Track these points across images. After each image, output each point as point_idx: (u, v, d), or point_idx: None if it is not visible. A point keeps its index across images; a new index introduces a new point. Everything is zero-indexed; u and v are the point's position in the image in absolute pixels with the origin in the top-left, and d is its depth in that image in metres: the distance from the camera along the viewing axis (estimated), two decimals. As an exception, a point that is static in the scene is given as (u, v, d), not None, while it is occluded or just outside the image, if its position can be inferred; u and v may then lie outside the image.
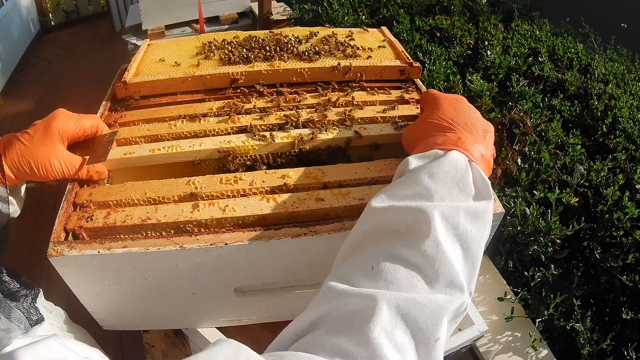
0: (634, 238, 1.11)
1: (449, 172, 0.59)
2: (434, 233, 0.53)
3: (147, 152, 0.86)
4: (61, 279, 0.73)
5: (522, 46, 1.86)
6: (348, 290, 0.50)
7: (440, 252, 0.52)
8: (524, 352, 1.03)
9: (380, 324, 0.45)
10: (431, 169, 0.59)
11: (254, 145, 0.86)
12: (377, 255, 0.53)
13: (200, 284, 0.78)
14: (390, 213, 0.57)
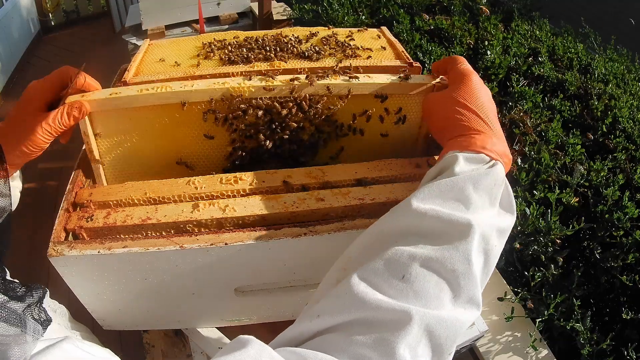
0: (634, 238, 1.11)
1: (488, 186, 0.58)
2: (469, 249, 0.52)
3: (135, 92, 0.79)
4: (61, 279, 0.73)
5: (522, 46, 1.86)
6: (381, 304, 0.49)
7: (469, 268, 0.52)
8: (524, 352, 1.03)
9: (407, 340, 0.46)
10: (477, 179, 0.57)
11: (250, 87, 0.79)
12: (409, 261, 0.52)
13: (200, 284, 0.78)
14: (430, 219, 0.55)
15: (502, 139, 0.63)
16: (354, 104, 0.83)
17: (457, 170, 0.58)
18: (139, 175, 0.86)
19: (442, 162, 0.61)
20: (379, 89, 0.82)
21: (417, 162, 0.83)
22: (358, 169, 0.81)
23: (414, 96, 0.83)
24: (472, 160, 0.59)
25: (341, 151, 0.88)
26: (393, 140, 0.88)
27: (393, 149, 0.88)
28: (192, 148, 0.85)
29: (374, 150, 0.88)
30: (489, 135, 0.62)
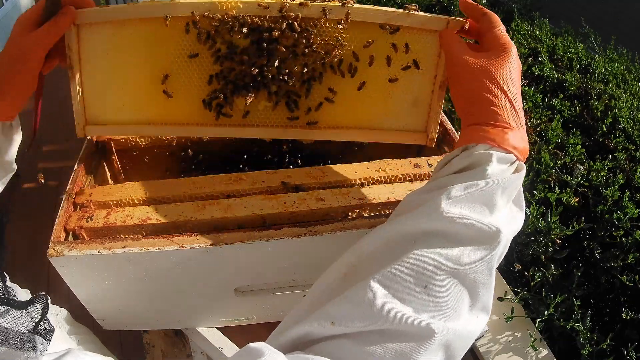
0: (634, 238, 1.11)
1: (513, 190, 0.56)
2: (493, 259, 0.51)
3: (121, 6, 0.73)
4: (61, 279, 0.73)
5: (522, 46, 1.86)
6: (402, 317, 0.46)
7: (490, 278, 0.51)
8: (524, 352, 1.03)
9: (425, 354, 0.46)
10: (507, 185, 0.54)
11: (239, 3, 0.69)
12: (434, 270, 0.49)
13: (200, 284, 0.78)
14: (459, 225, 0.51)
15: (525, 132, 0.59)
16: (355, 40, 0.71)
17: (489, 172, 0.54)
18: (116, 98, 0.77)
19: (473, 157, 0.55)
20: (384, 17, 0.69)
21: (417, 162, 0.83)
22: (358, 169, 0.81)
23: (428, 36, 0.70)
24: (502, 161, 0.55)
25: (334, 94, 0.74)
26: (400, 98, 0.75)
27: (398, 111, 0.76)
28: (173, 70, 0.75)
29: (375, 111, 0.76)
30: (520, 131, 0.58)
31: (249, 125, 0.76)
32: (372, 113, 0.76)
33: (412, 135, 0.77)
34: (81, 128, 0.78)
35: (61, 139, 3.16)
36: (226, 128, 0.76)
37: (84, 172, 0.84)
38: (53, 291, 0.89)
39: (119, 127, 0.77)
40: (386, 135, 0.77)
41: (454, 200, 0.52)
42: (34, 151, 3.06)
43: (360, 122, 0.77)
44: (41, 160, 3.02)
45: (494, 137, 0.56)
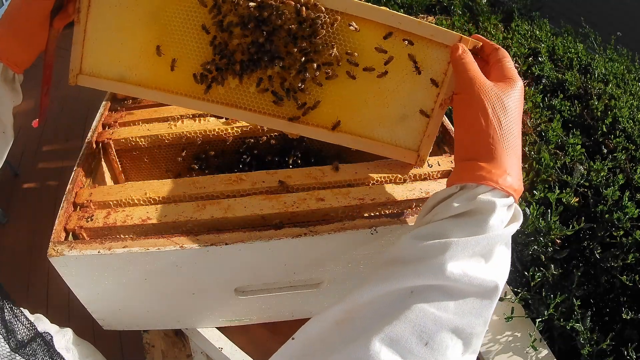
0: (634, 238, 1.11)
1: (509, 243, 0.56)
2: (490, 312, 0.51)
3: None
4: (61, 279, 0.73)
5: (522, 46, 1.86)
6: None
7: (485, 329, 0.52)
8: (524, 352, 1.03)
9: None
10: (506, 238, 0.54)
11: None
12: (435, 328, 0.48)
13: (200, 284, 0.78)
14: (460, 283, 0.50)
15: (521, 169, 0.58)
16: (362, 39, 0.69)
17: (491, 224, 0.52)
18: (114, 52, 0.75)
19: (475, 204, 0.53)
20: (393, 20, 0.66)
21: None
22: (358, 169, 0.81)
23: (437, 50, 0.67)
24: (503, 206, 0.54)
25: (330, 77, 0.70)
26: (397, 109, 0.72)
27: (393, 123, 0.72)
28: (174, 36, 0.72)
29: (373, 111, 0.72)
30: (519, 170, 0.56)
31: (235, 107, 0.73)
32: (365, 119, 0.73)
33: (403, 151, 0.74)
34: (74, 76, 0.76)
35: (61, 139, 3.16)
36: (212, 104, 0.73)
37: (84, 172, 0.84)
38: (53, 291, 0.89)
39: (110, 82, 0.76)
40: (375, 146, 0.74)
41: (457, 257, 0.50)
42: (34, 151, 3.06)
43: (351, 127, 0.74)
44: (41, 160, 3.02)
45: (497, 179, 0.54)
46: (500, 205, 0.53)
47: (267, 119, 0.74)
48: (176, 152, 0.98)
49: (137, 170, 1.01)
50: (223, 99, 0.73)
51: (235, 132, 0.94)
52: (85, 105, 3.16)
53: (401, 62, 0.69)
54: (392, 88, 0.70)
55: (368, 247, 0.74)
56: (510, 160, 0.55)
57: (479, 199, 0.53)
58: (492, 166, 0.55)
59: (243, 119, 0.75)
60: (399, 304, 0.49)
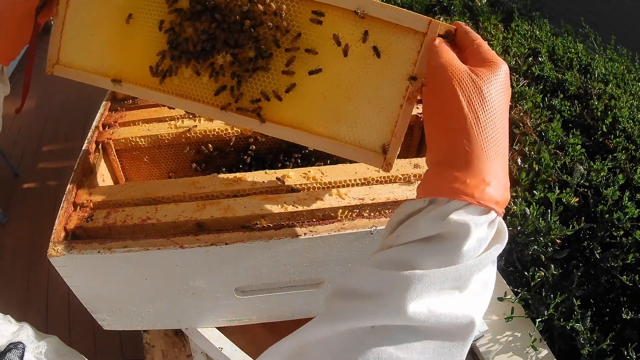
0: (634, 238, 1.11)
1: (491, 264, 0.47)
2: (465, 352, 0.44)
3: None
4: (61, 279, 0.73)
5: (522, 46, 1.86)
6: None
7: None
8: (524, 352, 1.03)
9: None
10: (484, 265, 0.45)
11: None
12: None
13: (200, 284, 0.78)
14: (431, 324, 0.42)
15: (507, 174, 0.48)
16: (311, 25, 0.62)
17: (465, 251, 0.43)
18: (86, 43, 0.75)
19: (445, 226, 0.43)
20: (348, 1, 0.59)
21: (417, 162, 0.83)
22: (358, 169, 0.81)
23: (405, 37, 0.58)
24: (481, 225, 0.44)
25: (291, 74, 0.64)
26: (360, 104, 0.63)
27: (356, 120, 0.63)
28: (136, 26, 0.71)
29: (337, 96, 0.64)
30: (503, 177, 0.46)
31: (189, 98, 0.69)
32: (323, 116, 0.64)
33: (368, 153, 0.63)
34: (50, 65, 0.77)
35: (61, 139, 3.16)
36: (167, 96, 0.70)
37: (83, 172, 0.84)
38: (53, 291, 0.88)
39: (82, 73, 0.76)
40: (336, 146, 0.64)
41: (421, 295, 0.42)
42: (34, 151, 3.06)
43: (309, 124, 0.65)
44: (41, 160, 3.02)
45: (473, 192, 0.44)
46: (476, 225, 0.43)
47: (219, 113, 0.68)
48: (176, 152, 0.98)
49: (137, 170, 1.01)
50: (178, 90, 0.70)
51: (236, 133, 0.94)
52: (85, 105, 3.16)
53: (363, 51, 0.60)
54: (353, 81, 0.61)
55: (368, 247, 0.74)
56: (491, 164, 0.45)
57: (451, 219, 0.43)
58: (467, 175, 0.44)
59: (195, 111, 0.71)
60: (356, 344, 0.42)
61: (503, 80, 0.48)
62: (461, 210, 0.44)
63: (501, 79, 0.47)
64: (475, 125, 0.45)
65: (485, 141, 0.45)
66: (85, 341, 1.76)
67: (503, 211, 0.46)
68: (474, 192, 0.44)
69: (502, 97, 0.47)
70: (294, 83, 0.63)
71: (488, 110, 0.46)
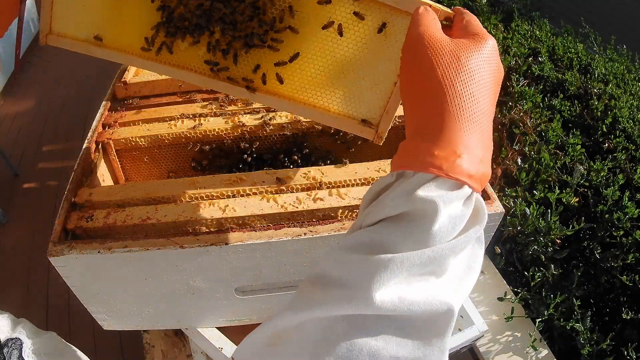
0: (634, 238, 1.11)
1: (472, 241, 0.43)
2: (447, 340, 0.40)
3: None
4: (61, 279, 0.73)
5: (522, 46, 1.86)
6: None
7: (442, 357, 0.41)
8: (524, 352, 1.03)
9: None
10: (460, 247, 0.40)
11: None
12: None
13: (200, 284, 0.78)
14: (404, 312, 0.38)
15: (490, 149, 0.44)
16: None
17: (435, 231, 0.39)
18: (79, 12, 0.75)
19: (412, 202, 0.40)
20: None
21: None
22: (358, 169, 0.81)
23: (397, 17, 0.59)
24: (452, 201, 0.40)
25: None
26: (355, 79, 0.64)
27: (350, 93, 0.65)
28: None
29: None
30: (481, 154, 0.42)
31: (186, 69, 0.70)
32: (317, 88, 0.66)
33: (359, 126, 0.66)
34: (44, 36, 0.77)
35: (61, 139, 3.16)
36: (163, 66, 0.71)
37: (83, 172, 0.84)
38: (53, 291, 0.88)
39: (76, 42, 0.76)
40: (330, 118, 0.66)
41: (389, 281, 0.38)
42: (34, 151, 3.06)
43: (301, 96, 0.66)
44: (41, 160, 3.02)
45: (440, 164, 0.40)
46: (445, 202, 0.39)
47: (215, 83, 0.70)
48: (176, 152, 0.98)
49: (137, 170, 1.01)
50: (175, 61, 0.70)
51: (236, 133, 0.94)
52: (85, 105, 3.16)
53: (360, 30, 0.62)
54: (349, 58, 0.63)
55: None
56: (464, 136, 0.41)
57: (417, 195, 0.39)
58: (437, 145, 0.41)
59: (193, 81, 0.71)
60: (330, 332, 0.39)
61: (488, 53, 0.45)
62: (429, 185, 0.40)
63: (486, 52, 0.45)
64: (450, 94, 0.42)
65: (460, 111, 0.42)
66: (85, 341, 1.76)
67: (480, 187, 0.42)
68: (442, 164, 0.40)
69: (486, 69, 0.44)
70: (297, 53, 0.64)
71: (466, 79, 0.42)
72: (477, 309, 1.05)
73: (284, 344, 0.41)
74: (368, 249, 0.40)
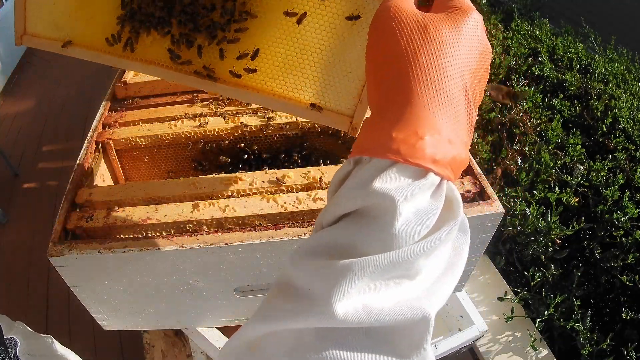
0: (634, 238, 1.11)
1: (467, 227, 0.39)
2: (426, 350, 0.35)
3: None
4: (61, 279, 0.73)
5: (522, 46, 1.86)
6: None
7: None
8: (524, 352, 1.03)
9: None
10: (432, 247, 0.34)
11: None
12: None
13: (200, 284, 0.78)
14: (372, 323, 0.33)
15: (466, 133, 0.37)
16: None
17: (398, 230, 0.33)
18: (50, 12, 0.75)
19: (368, 196, 0.34)
20: None
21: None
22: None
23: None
24: (412, 194, 0.33)
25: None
26: (327, 67, 0.61)
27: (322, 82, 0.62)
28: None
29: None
30: (453, 137, 0.35)
31: (154, 63, 0.69)
32: (286, 79, 0.63)
33: (333, 116, 0.62)
34: (19, 37, 0.77)
35: (61, 139, 3.16)
36: (132, 62, 0.71)
37: (83, 172, 0.84)
38: (53, 291, 0.88)
39: (49, 42, 0.76)
40: (301, 109, 0.63)
41: (350, 289, 0.32)
42: (34, 151, 3.06)
43: (272, 87, 0.63)
44: (41, 160, 3.02)
45: (398, 147, 0.34)
46: (406, 196, 0.33)
47: (181, 76, 0.68)
48: (176, 152, 0.98)
49: (137, 170, 1.01)
50: (142, 56, 0.70)
51: (236, 133, 0.94)
52: (85, 105, 3.16)
53: (328, 16, 0.59)
54: (318, 45, 0.60)
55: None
56: (430, 115, 0.35)
57: (373, 188, 0.33)
58: (396, 126, 0.35)
59: (161, 76, 0.71)
60: (300, 344, 0.35)
61: (469, 28, 0.38)
62: (388, 173, 0.34)
63: (466, 26, 0.38)
64: (414, 67, 0.36)
65: (425, 86, 0.35)
66: (85, 341, 1.76)
67: (453, 174, 0.35)
68: (400, 147, 0.33)
69: (465, 45, 0.37)
70: (257, 49, 0.62)
71: (434, 51, 0.36)
72: (477, 309, 1.05)
73: (263, 350, 0.37)
74: (328, 253, 0.35)
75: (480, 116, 1.53)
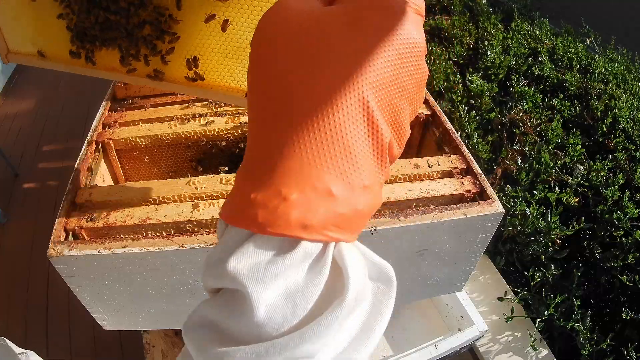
0: (634, 238, 1.11)
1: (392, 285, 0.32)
2: None
3: None
4: (61, 279, 0.73)
5: (522, 46, 1.86)
6: None
7: None
8: (524, 352, 1.03)
9: None
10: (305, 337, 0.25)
11: None
12: None
13: (200, 283, 0.78)
14: None
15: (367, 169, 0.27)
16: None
17: (260, 321, 0.26)
18: (25, 30, 0.76)
19: (225, 278, 0.26)
20: None
21: (417, 162, 0.83)
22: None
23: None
24: (282, 270, 0.26)
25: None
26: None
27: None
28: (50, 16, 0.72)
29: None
30: (342, 185, 0.26)
31: (115, 70, 0.72)
32: (233, 74, 0.63)
33: None
34: (4, 56, 0.79)
35: (61, 139, 3.16)
36: (97, 70, 0.73)
37: (84, 172, 0.84)
38: (53, 291, 0.88)
39: (28, 57, 0.79)
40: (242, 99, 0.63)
41: None
42: (34, 151, 3.06)
43: (220, 82, 0.65)
44: (41, 160, 3.02)
45: (256, 213, 0.25)
46: (265, 279, 0.25)
47: (127, 77, 0.71)
48: (176, 152, 0.98)
49: (137, 170, 1.01)
50: (103, 67, 0.72)
51: (236, 133, 0.94)
52: (85, 105, 3.16)
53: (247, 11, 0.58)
54: (249, 41, 0.59)
55: (367, 247, 0.73)
56: (307, 161, 0.25)
57: (225, 268, 0.26)
58: (257, 184, 0.26)
59: (124, 80, 0.73)
60: None
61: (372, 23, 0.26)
62: (244, 249, 0.26)
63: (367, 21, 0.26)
64: (281, 95, 0.26)
65: (294, 119, 0.25)
66: (85, 341, 1.77)
67: (342, 235, 0.26)
68: (258, 213, 0.25)
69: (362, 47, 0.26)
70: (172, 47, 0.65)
71: (311, 64, 0.25)
72: (477, 309, 1.05)
73: None
74: (207, 333, 0.28)
75: (480, 116, 1.53)
